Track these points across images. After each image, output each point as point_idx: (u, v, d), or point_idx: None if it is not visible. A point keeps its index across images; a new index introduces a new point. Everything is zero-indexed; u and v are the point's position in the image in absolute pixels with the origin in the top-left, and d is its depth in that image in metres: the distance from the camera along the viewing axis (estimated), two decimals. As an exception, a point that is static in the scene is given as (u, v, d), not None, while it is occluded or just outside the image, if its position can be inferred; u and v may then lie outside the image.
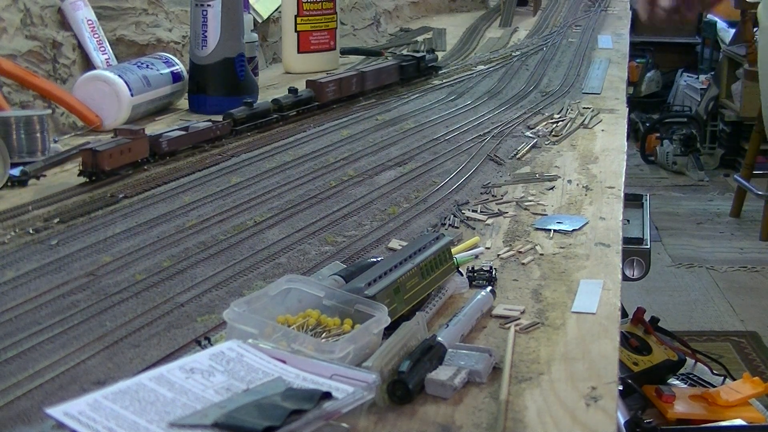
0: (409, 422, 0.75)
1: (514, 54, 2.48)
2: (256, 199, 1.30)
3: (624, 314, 2.14)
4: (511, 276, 1.04)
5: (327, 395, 0.70)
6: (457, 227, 1.21)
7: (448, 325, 0.88)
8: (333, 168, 1.46)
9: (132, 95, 1.68)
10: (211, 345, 0.83)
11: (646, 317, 2.10)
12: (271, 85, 2.10)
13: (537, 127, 1.71)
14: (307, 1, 2.24)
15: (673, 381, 2.06)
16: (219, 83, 1.81)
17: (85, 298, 0.98)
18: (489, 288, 0.97)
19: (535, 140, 1.62)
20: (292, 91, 1.78)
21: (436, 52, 2.31)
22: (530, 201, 1.30)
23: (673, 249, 4.17)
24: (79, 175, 1.37)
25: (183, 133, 1.51)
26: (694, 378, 2.10)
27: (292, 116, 1.75)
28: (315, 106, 1.80)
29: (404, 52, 2.35)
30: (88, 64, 1.83)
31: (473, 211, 1.27)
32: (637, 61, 5.97)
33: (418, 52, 2.24)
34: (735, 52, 5.03)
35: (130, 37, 1.97)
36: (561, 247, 1.13)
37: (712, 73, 5.60)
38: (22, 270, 1.04)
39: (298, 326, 0.83)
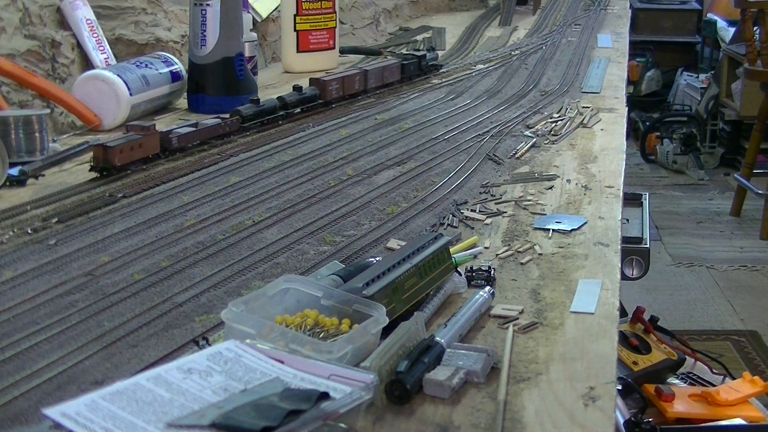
0: (407, 422, 0.75)
1: (513, 53, 2.48)
2: (255, 199, 1.30)
3: (624, 313, 2.14)
4: (509, 276, 1.04)
5: (325, 395, 0.70)
6: (455, 227, 1.21)
7: (446, 325, 0.88)
8: (332, 167, 1.45)
9: (131, 95, 1.68)
10: (209, 345, 0.83)
11: (646, 316, 2.10)
12: (271, 85, 2.10)
13: (536, 127, 1.71)
14: (306, 0, 2.24)
15: (672, 380, 2.06)
16: (218, 83, 1.81)
17: (83, 298, 0.98)
18: (488, 288, 0.97)
19: (534, 139, 1.62)
20: (297, 89, 1.80)
21: (436, 51, 2.31)
22: (529, 200, 1.30)
23: (673, 248, 4.17)
24: (90, 170, 1.40)
25: (192, 129, 1.54)
26: (694, 377, 2.10)
27: (297, 114, 1.78)
28: (319, 104, 1.83)
29: (404, 51, 2.35)
30: (87, 64, 1.83)
31: (472, 210, 1.27)
32: (637, 60, 5.97)
33: (419, 50, 2.25)
34: (735, 51, 5.02)
35: (129, 37, 1.97)
36: (560, 247, 1.13)
37: (712, 72, 5.60)
38: (21, 270, 1.04)
39: (296, 326, 0.83)
